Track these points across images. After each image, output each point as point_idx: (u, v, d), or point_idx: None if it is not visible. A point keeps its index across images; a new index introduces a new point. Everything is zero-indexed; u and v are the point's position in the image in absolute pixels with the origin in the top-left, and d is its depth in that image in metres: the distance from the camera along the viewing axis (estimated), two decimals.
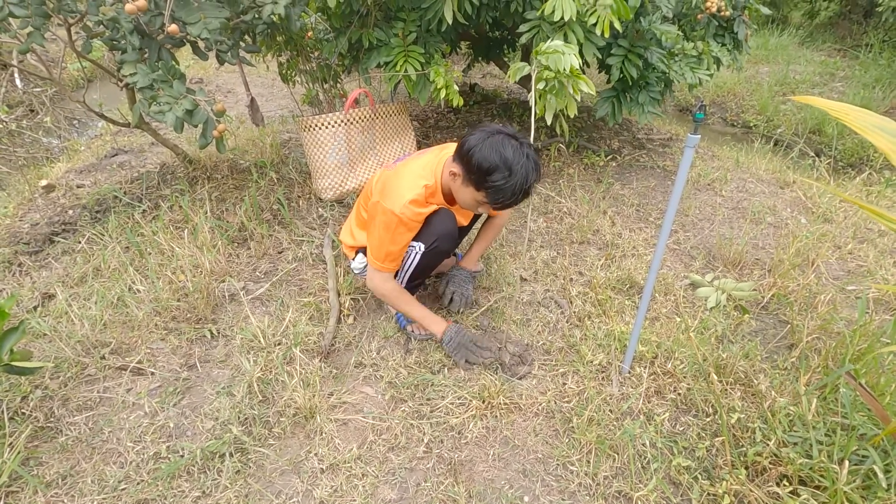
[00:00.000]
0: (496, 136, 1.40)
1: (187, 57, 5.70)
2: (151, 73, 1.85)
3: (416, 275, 1.67)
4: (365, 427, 1.46)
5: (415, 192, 1.49)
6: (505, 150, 1.37)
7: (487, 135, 1.41)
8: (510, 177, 1.37)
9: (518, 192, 1.41)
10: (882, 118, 1.05)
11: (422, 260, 1.61)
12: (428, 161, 1.58)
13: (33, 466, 1.34)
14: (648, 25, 2.42)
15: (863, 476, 1.19)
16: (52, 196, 2.64)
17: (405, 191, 1.49)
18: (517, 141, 1.41)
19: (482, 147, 1.38)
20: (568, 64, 1.65)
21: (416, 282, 1.73)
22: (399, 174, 1.57)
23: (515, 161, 1.37)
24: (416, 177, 1.53)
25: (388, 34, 2.36)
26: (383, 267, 1.57)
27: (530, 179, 1.40)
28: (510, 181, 1.37)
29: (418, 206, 1.50)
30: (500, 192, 1.40)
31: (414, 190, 1.50)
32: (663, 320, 1.85)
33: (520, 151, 1.39)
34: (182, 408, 1.51)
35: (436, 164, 1.56)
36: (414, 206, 1.49)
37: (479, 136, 1.41)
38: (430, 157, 1.60)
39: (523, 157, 1.38)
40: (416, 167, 1.57)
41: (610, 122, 2.67)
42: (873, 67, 5.67)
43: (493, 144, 1.38)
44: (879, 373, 1.47)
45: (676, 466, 1.33)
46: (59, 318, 1.77)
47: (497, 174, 1.37)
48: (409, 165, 1.59)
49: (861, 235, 2.46)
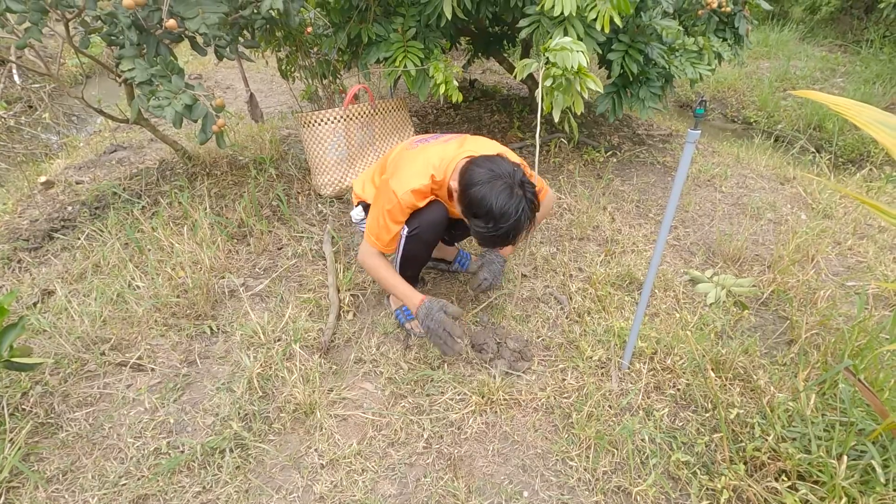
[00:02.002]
0: (498, 182, 1.35)
1: (186, 52, 5.68)
2: (150, 68, 1.85)
3: (406, 262, 1.66)
4: (365, 422, 1.46)
5: (421, 182, 1.49)
6: (499, 201, 1.33)
7: (492, 176, 1.36)
8: (494, 228, 1.36)
9: (499, 242, 1.43)
10: (883, 113, 1.05)
11: (407, 245, 1.60)
12: (445, 154, 1.54)
13: (34, 462, 1.34)
14: (649, 21, 2.41)
15: (861, 471, 1.19)
16: (52, 192, 2.63)
17: (412, 177, 1.50)
18: (521, 190, 1.37)
19: (481, 188, 1.35)
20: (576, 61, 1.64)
21: (408, 272, 1.71)
22: (415, 159, 1.56)
23: (506, 215, 1.34)
24: (428, 166, 1.52)
25: (388, 29, 2.35)
26: (375, 244, 1.57)
27: (518, 232, 1.39)
28: (493, 232, 1.37)
29: (418, 196, 1.50)
30: (484, 238, 1.42)
31: (420, 180, 1.49)
32: (663, 316, 1.85)
33: (518, 204, 1.35)
34: (182, 404, 1.52)
35: (451, 160, 1.52)
36: (415, 195, 1.49)
37: (483, 174, 1.37)
38: (450, 150, 1.56)
39: (518, 211, 1.35)
40: (433, 156, 1.54)
41: (610, 117, 2.66)
42: (874, 63, 5.66)
43: (493, 191, 1.34)
44: (878, 368, 1.47)
45: (675, 462, 1.34)
46: (59, 315, 1.77)
47: (482, 221, 1.37)
48: (427, 151, 1.57)
49: (861, 231, 2.46)
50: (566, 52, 1.67)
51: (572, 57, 1.66)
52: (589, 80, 1.75)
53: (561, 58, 1.67)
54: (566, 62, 1.67)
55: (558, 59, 1.68)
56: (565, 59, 1.67)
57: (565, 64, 1.67)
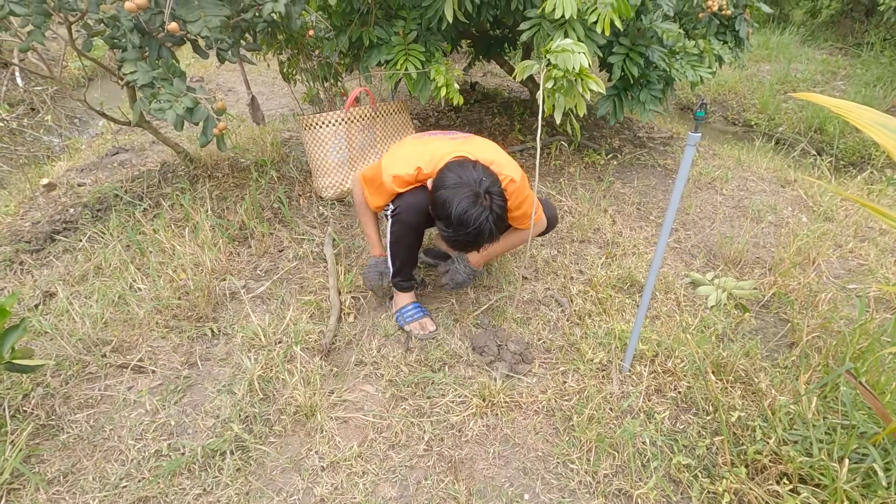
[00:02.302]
0: (462, 190, 1.37)
1: (188, 55, 5.70)
2: (152, 70, 1.85)
3: (394, 247, 1.67)
4: (365, 425, 1.46)
5: (405, 170, 1.52)
6: (459, 207, 1.35)
7: (459, 183, 1.38)
8: (454, 233, 1.39)
9: (461, 247, 1.47)
10: (884, 115, 1.05)
11: (391, 228, 1.63)
12: (438, 151, 1.55)
13: (35, 464, 1.34)
14: (649, 24, 2.41)
15: (863, 474, 1.19)
16: (54, 195, 2.64)
17: (399, 163, 1.54)
18: (487, 199, 1.38)
19: (446, 192, 1.38)
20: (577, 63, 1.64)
21: (399, 260, 1.72)
22: (413, 148, 1.60)
23: (466, 223, 1.36)
24: (419, 159, 1.54)
25: (389, 32, 2.36)
26: (364, 186, 1.64)
27: (479, 241, 1.41)
28: (454, 237, 1.41)
29: (398, 182, 1.54)
30: (444, 239, 1.46)
31: (406, 168, 1.52)
32: (664, 319, 1.85)
33: (480, 212, 1.36)
34: (183, 406, 1.52)
35: (441, 157, 1.52)
36: (395, 181, 1.53)
37: (452, 178, 1.40)
38: (446, 147, 1.57)
39: (480, 219, 1.36)
40: (427, 150, 1.57)
41: (611, 120, 2.66)
42: (875, 66, 5.66)
43: (455, 196, 1.36)
44: (880, 371, 1.47)
45: (676, 465, 1.33)
46: (61, 317, 1.77)
47: (444, 224, 1.40)
48: (427, 145, 1.60)
49: (862, 234, 2.46)
50: (567, 54, 1.67)
51: (574, 58, 1.66)
52: (591, 81, 1.75)
53: (562, 59, 1.67)
54: (567, 64, 1.67)
55: (559, 61, 1.68)
56: (566, 61, 1.67)
57: (566, 65, 1.67)
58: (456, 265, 1.81)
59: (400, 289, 1.80)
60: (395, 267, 1.74)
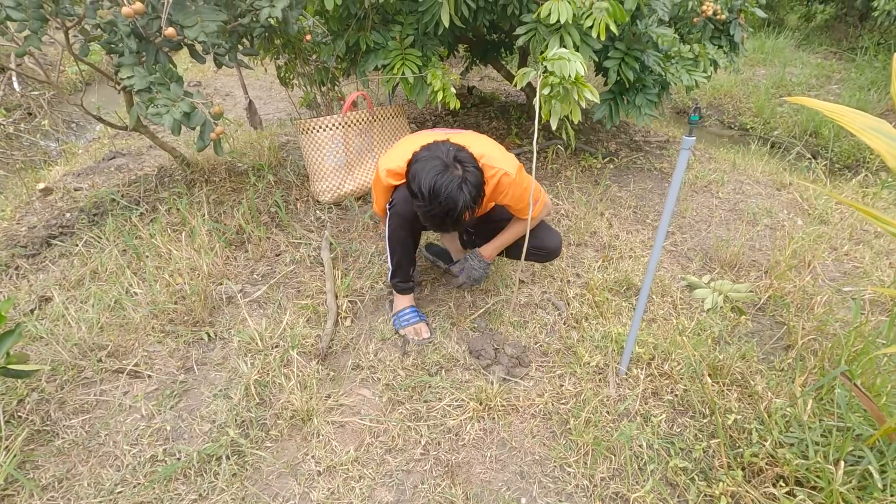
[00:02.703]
0: (432, 162, 1.38)
1: (185, 60, 5.70)
2: (149, 75, 1.86)
3: (392, 241, 1.69)
4: (362, 429, 1.46)
5: (398, 163, 1.54)
6: (429, 178, 1.35)
7: (428, 157, 1.39)
8: (430, 207, 1.37)
9: (438, 223, 1.44)
10: (877, 120, 1.06)
11: (389, 220, 1.65)
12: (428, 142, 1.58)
13: (29, 470, 1.34)
14: (645, 28, 2.43)
15: (859, 476, 1.19)
16: (50, 199, 2.64)
17: (394, 158, 1.57)
18: (458, 168, 1.38)
19: (416, 166, 1.39)
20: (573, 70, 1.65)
21: (396, 255, 1.72)
22: (406, 142, 1.62)
23: (439, 191, 1.34)
24: (410, 150, 1.53)
25: (386, 37, 2.37)
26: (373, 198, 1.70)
27: (454, 213, 1.37)
28: (430, 211, 1.38)
29: (393, 176, 1.57)
30: (423, 217, 1.45)
31: (398, 161, 1.55)
32: (660, 322, 1.85)
33: (450, 182, 1.35)
34: (179, 410, 1.51)
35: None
36: (390, 175, 1.57)
37: (423, 154, 1.42)
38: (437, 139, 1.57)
39: (451, 188, 1.35)
40: (421, 142, 1.55)
41: (607, 124, 2.68)
42: (868, 70, 5.71)
43: (425, 169, 1.37)
44: (875, 374, 1.48)
45: (673, 468, 1.34)
46: (56, 321, 1.77)
47: (419, 201, 1.39)
48: (419, 139, 1.59)
49: (857, 237, 2.47)
50: (563, 62, 1.68)
51: (570, 66, 1.67)
52: (586, 89, 1.77)
53: (558, 67, 1.68)
54: (564, 71, 1.68)
55: (556, 68, 1.69)
56: (563, 68, 1.68)
57: (563, 73, 1.68)
58: (471, 261, 1.80)
59: (398, 290, 1.80)
60: (392, 264, 1.74)
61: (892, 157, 1.02)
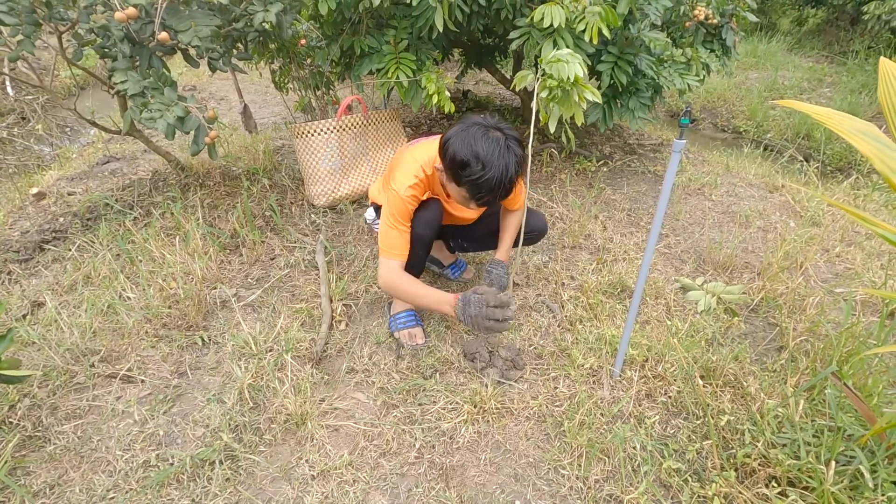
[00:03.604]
0: (472, 129, 1.36)
1: (180, 64, 5.71)
2: (142, 80, 1.86)
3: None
4: (356, 433, 1.46)
5: (415, 174, 1.54)
6: (477, 144, 1.33)
7: (464, 127, 1.37)
8: (484, 171, 1.32)
9: (496, 186, 1.35)
10: (865, 123, 1.07)
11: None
12: (430, 149, 1.57)
13: (20, 476, 1.33)
14: (637, 33, 2.45)
15: (850, 476, 1.20)
16: (43, 204, 2.63)
17: (406, 175, 1.54)
18: (497, 132, 1.36)
19: (456, 140, 1.36)
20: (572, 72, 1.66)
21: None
22: (405, 159, 1.59)
23: (490, 154, 1.32)
24: (416, 161, 1.56)
25: (380, 41, 2.38)
26: (391, 254, 1.57)
27: (510, 172, 1.34)
28: (486, 175, 1.33)
29: (417, 189, 1.55)
30: (477, 188, 1.36)
31: (413, 173, 1.54)
32: (654, 324, 1.86)
33: (497, 143, 1.34)
34: (172, 415, 1.50)
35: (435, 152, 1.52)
36: (413, 189, 1.54)
37: (455, 129, 1.38)
38: (434, 144, 1.55)
39: (500, 149, 1.33)
40: (419, 153, 1.58)
41: (601, 127, 2.69)
42: (860, 73, 5.76)
43: (467, 137, 1.34)
44: (866, 374, 1.49)
45: (667, 469, 1.34)
46: (49, 327, 1.76)
47: (470, 169, 1.33)
48: (415, 150, 1.60)
49: (849, 239, 2.49)
50: (562, 64, 1.69)
51: (568, 68, 1.69)
52: (586, 90, 1.78)
53: (557, 69, 1.69)
54: (562, 73, 1.69)
55: (554, 71, 1.70)
56: (561, 71, 1.69)
57: (561, 75, 1.69)
58: (496, 271, 1.78)
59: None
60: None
61: (879, 159, 1.03)
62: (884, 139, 1.03)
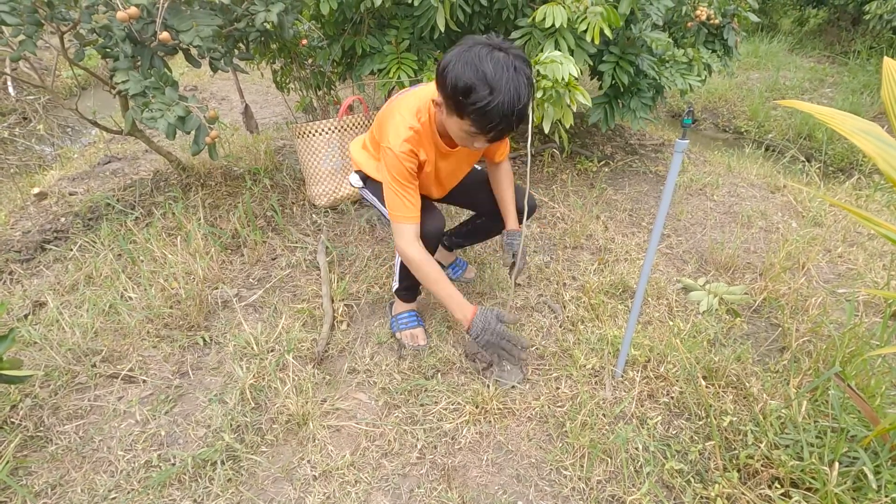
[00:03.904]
0: (474, 49, 1.16)
1: (182, 64, 5.71)
2: (144, 80, 1.86)
3: (405, 269, 1.60)
4: (358, 433, 1.46)
5: (410, 124, 1.38)
6: (483, 64, 1.14)
7: (465, 49, 1.17)
8: (493, 95, 1.14)
9: (508, 112, 1.17)
10: (868, 122, 1.07)
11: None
12: (422, 94, 1.41)
13: (22, 476, 1.33)
14: (639, 33, 2.45)
15: (853, 477, 1.20)
16: (45, 204, 2.63)
17: (399, 127, 1.37)
18: (502, 51, 1.17)
19: (457, 64, 1.16)
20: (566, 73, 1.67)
21: (407, 281, 1.70)
22: (394, 111, 1.42)
23: (498, 76, 1.14)
24: (408, 116, 1.39)
25: (382, 41, 2.38)
26: (404, 218, 1.41)
27: (522, 97, 1.17)
28: (494, 100, 1.14)
29: (413, 142, 1.39)
30: (485, 116, 1.17)
31: (407, 123, 1.38)
32: (656, 324, 1.85)
33: (504, 64, 1.15)
34: (174, 415, 1.50)
35: (428, 95, 1.38)
36: (409, 142, 1.38)
37: (455, 52, 1.18)
38: (427, 89, 1.41)
39: (509, 70, 1.15)
40: (410, 103, 1.40)
41: (602, 127, 2.69)
42: (861, 73, 5.75)
43: (470, 59, 1.15)
44: (869, 375, 1.48)
45: (669, 470, 1.34)
46: (50, 327, 1.76)
47: (476, 94, 1.15)
48: (406, 99, 1.43)
49: (851, 239, 2.49)
50: (556, 65, 1.69)
51: (562, 69, 1.68)
52: (578, 93, 1.77)
53: (551, 70, 1.69)
54: (556, 74, 1.69)
55: (548, 71, 1.70)
56: (555, 71, 1.69)
57: (555, 76, 1.69)
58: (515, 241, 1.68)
59: (401, 297, 1.80)
60: (403, 281, 1.71)
61: (882, 159, 1.03)
62: (887, 139, 1.03)
